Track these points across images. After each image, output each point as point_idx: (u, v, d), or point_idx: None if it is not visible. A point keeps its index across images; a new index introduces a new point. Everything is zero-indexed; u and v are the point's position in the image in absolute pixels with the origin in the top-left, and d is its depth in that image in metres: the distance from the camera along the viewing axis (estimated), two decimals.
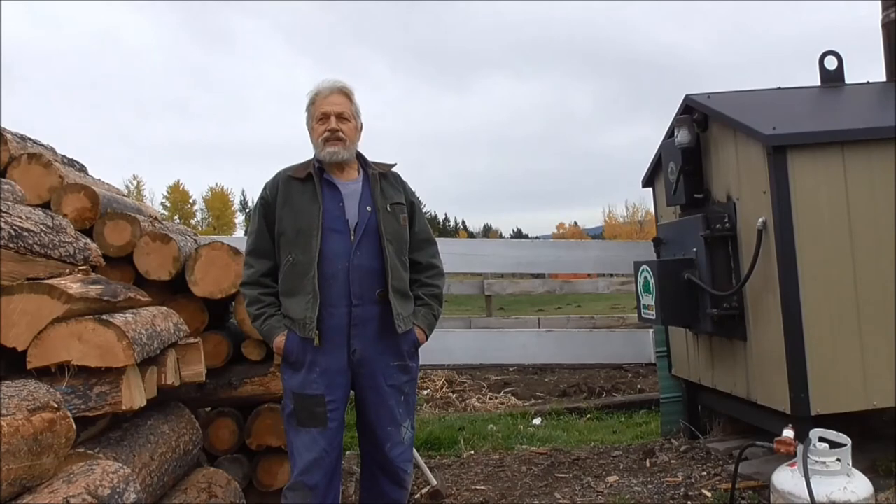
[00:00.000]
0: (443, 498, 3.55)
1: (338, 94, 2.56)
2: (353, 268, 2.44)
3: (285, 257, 2.50)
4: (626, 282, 10.37)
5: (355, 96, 2.62)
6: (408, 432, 2.58)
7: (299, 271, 2.44)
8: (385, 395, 2.51)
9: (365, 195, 2.55)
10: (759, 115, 3.46)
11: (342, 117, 2.54)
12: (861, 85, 4.06)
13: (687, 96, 3.87)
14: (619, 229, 62.17)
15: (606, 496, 3.51)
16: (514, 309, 16.03)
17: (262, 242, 2.55)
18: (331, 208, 2.48)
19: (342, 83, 2.60)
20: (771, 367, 3.26)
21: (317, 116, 2.55)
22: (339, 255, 2.44)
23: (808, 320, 3.08)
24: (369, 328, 2.47)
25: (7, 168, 3.02)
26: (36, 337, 2.02)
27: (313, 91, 2.59)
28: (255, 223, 2.60)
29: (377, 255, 2.48)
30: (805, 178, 3.14)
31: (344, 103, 2.56)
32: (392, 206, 2.57)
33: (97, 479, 1.68)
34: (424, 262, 2.68)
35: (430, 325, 2.63)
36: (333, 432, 2.45)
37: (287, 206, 2.51)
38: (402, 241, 2.57)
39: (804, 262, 3.10)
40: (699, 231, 3.57)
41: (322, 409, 2.42)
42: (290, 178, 2.55)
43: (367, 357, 2.48)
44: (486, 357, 6.68)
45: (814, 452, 2.66)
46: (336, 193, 2.52)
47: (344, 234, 2.47)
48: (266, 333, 2.49)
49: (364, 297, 2.45)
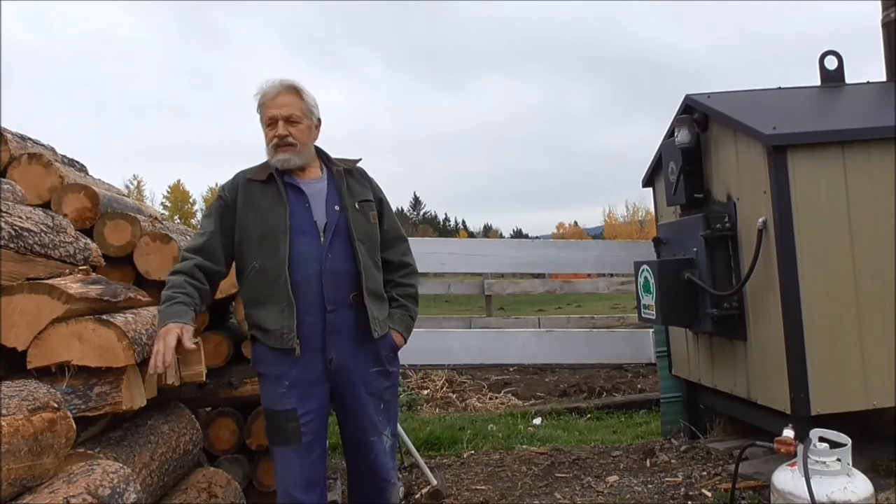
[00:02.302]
0: (443, 498, 3.55)
1: (285, 93, 2.37)
2: (325, 271, 2.30)
3: (249, 263, 2.34)
4: (626, 282, 10.35)
5: (306, 91, 2.42)
6: (388, 440, 2.45)
7: (267, 278, 2.29)
8: (365, 404, 2.38)
9: (331, 194, 2.41)
10: (760, 114, 3.46)
11: (290, 120, 2.36)
12: (861, 85, 4.06)
13: (687, 96, 3.87)
14: (619, 229, 62.16)
15: (606, 496, 3.51)
16: (514, 309, 16.03)
17: (211, 244, 2.36)
18: (297, 210, 2.34)
19: (288, 81, 2.40)
20: (771, 367, 3.26)
21: (265, 121, 2.39)
22: (309, 258, 2.31)
23: (808, 320, 3.08)
24: (345, 334, 2.34)
25: (7, 168, 3.02)
26: (36, 337, 2.02)
27: (259, 93, 2.40)
28: (208, 224, 2.40)
29: (349, 256, 2.35)
30: (805, 177, 3.14)
31: (292, 103, 2.37)
32: (360, 204, 2.43)
33: (97, 479, 1.68)
34: (397, 260, 2.56)
35: (407, 328, 2.52)
36: (310, 446, 2.31)
37: (249, 209, 2.36)
38: (373, 240, 2.45)
39: (804, 262, 3.10)
40: (699, 231, 3.57)
41: (294, 425, 2.27)
42: (250, 181, 2.40)
43: (345, 365, 2.34)
44: (486, 357, 6.68)
45: (814, 452, 2.66)
46: (301, 195, 2.38)
47: (313, 237, 2.33)
48: (164, 315, 2.17)
49: (338, 301, 2.32)
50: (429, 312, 14.39)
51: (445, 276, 13.40)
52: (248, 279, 2.36)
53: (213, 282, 2.38)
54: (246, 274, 2.37)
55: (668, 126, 4.04)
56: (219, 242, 2.37)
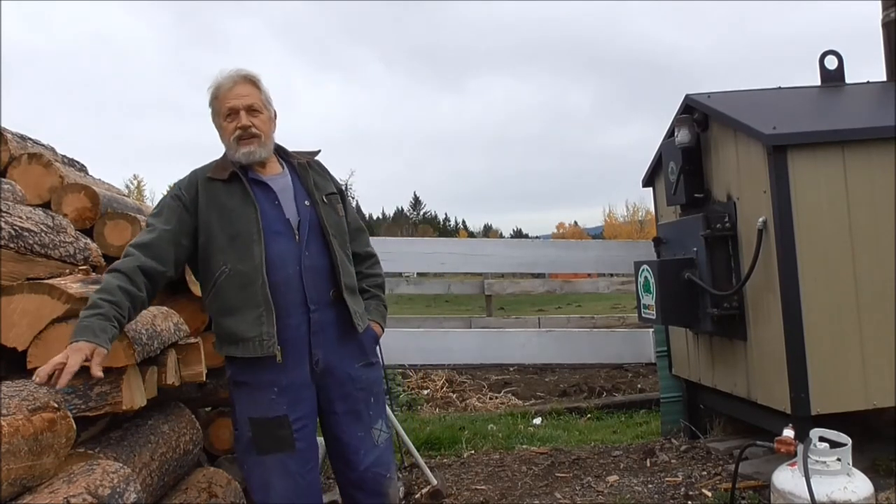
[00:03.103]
0: (443, 498, 3.55)
1: (242, 83, 2.26)
2: (305, 270, 2.22)
3: (218, 269, 2.19)
4: (626, 282, 10.36)
5: (263, 82, 2.32)
6: (381, 433, 2.37)
7: (240, 283, 2.16)
8: (354, 401, 2.31)
9: (298, 189, 2.32)
10: (760, 114, 3.46)
11: (252, 109, 2.25)
12: (861, 85, 4.06)
13: (687, 96, 3.87)
14: (619, 229, 62.12)
15: (607, 496, 3.52)
16: (515, 309, 16.03)
17: (161, 243, 2.15)
18: (267, 208, 2.23)
19: (245, 71, 2.29)
20: (771, 367, 3.26)
21: (223, 113, 2.25)
22: (287, 259, 2.20)
23: (808, 320, 3.08)
24: (329, 333, 2.26)
25: (7, 168, 3.02)
26: (36, 337, 2.02)
27: (214, 84, 2.28)
28: (160, 223, 2.19)
29: (324, 252, 2.27)
30: (805, 177, 3.14)
31: (252, 93, 2.26)
32: (328, 197, 2.36)
33: (97, 478, 1.68)
34: (362, 252, 2.50)
35: (383, 317, 2.47)
36: (305, 453, 2.22)
37: (214, 210, 2.21)
38: (343, 233, 2.37)
39: (804, 262, 3.10)
40: (699, 231, 3.57)
41: (287, 432, 2.18)
42: (210, 180, 2.25)
43: (332, 363, 2.27)
44: (486, 357, 6.68)
45: (814, 452, 2.66)
46: (268, 192, 2.27)
47: (288, 236, 2.23)
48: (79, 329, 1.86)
49: (320, 300, 2.24)
50: (429, 312, 14.40)
51: (445, 276, 13.43)
52: (217, 285, 2.21)
53: (156, 284, 2.15)
54: (213, 280, 2.22)
55: (668, 126, 4.04)
56: (171, 242, 2.18)
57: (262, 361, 2.18)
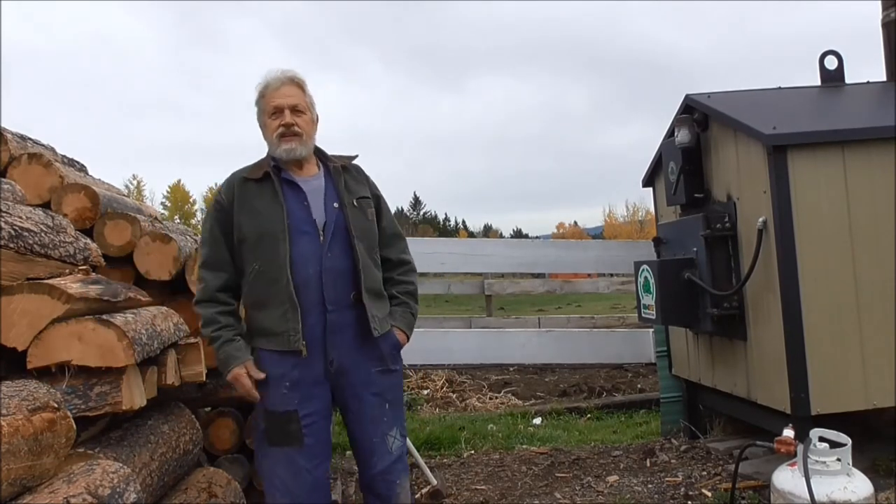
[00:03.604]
0: (443, 498, 3.55)
1: (289, 84, 2.36)
2: (325, 271, 2.26)
3: (249, 266, 2.30)
4: (626, 282, 10.35)
5: (308, 86, 2.42)
6: (395, 441, 2.39)
7: (268, 279, 2.25)
8: (368, 406, 2.34)
9: (329, 191, 2.36)
10: (760, 114, 3.46)
11: (297, 110, 2.34)
12: (861, 85, 4.07)
13: (687, 96, 3.88)
14: (619, 229, 62.13)
15: (607, 496, 3.52)
16: (514, 309, 16.02)
17: (216, 253, 2.34)
18: (295, 208, 2.30)
19: (293, 72, 2.39)
20: (771, 367, 3.26)
21: (268, 111, 2.35)
22: (309, 258, 2.26)
23: (808, 320, 3.08)
24: (346, 334, 2.30)
25: (7, 168, 3.02)
26: (36, 337, 2.02)
27: (262, 83, 2.38)
28: (207, 231, 2.37)
29: (348, 254, 2.31)
30: (805, 177, 3.14)
31: (297, 94, 2.36)
32: (358, 201, 2.39)
33: (97, 478, 1.68)
34: (395, 258, 2.51)
35: (409, 325, 2.47)
36: (313, 448, 2.27)
37: (245, 210, 2.31)
38: (371, 237, 2.41)
39: (804, 262, 3.10)
40: (699, 231, 3.57)
41: (296, 426, 2.24)
42: (245, 180, 2.35)
43: (346, 366, 2.30)
44: (486, 357, 6.69)
45: (814, 452, 2.66)
46: (298, 192, 2.33)
47: (312, 236, 2.28)
48: (223, 360, 2.26)
49: (339, 301, 2.28)
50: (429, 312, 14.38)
51: (445, 275, 13.40)
52: (248, 281, 2.32)
53: (233, 288, 2.37)
54: (246, 276, 2.32)
55: (668, 126, 4.04)
56: (222, 248, 2.35)
57: (279, 355, 2.25)
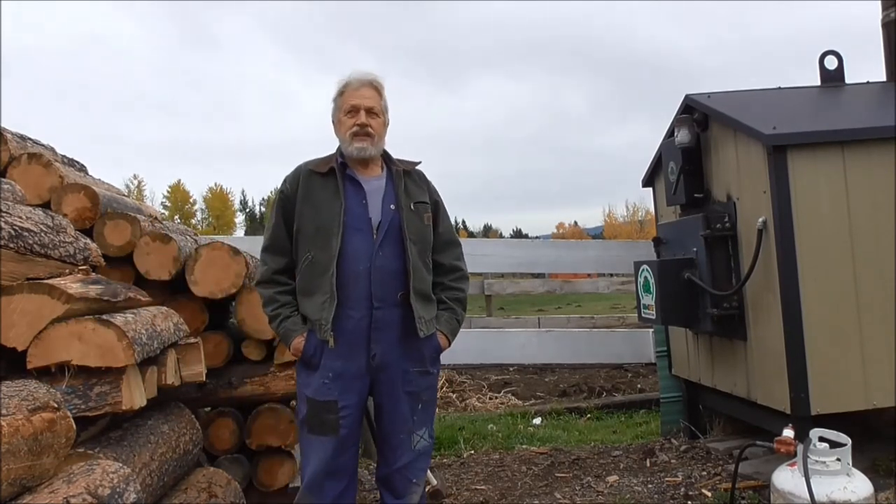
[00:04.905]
0: (443, 498, 3.55)
1: (368, 87, 2.46)
2: (374, 269, 2.35)
3: (304, 255, 2.40)
4: (626, 282, 10.35)
5: (385, 91, 2.52)
6: (421, 441, 2.47)
7: (317, 270, 2.35)
8: (400, 402, 2.42)
9: (388, 193, 2.45)
10: (760, 114, 3.46)
11: (372, 112, 2.44)
12: (861, 85, 4.06)
13: (687, 96, 3.87)
14: (619, 229, 62.08)
15: (606, 496, 3.51)
16: (514, 309, 16.04)
17: (278, 238, 2.46)
18: (353, 206, 2.39)
19: (373, 76, 2.49)
20: (771, 367, 3.26)
21: (345, 109, 2.44)
22: (360, 255, 2.35)
23: (808, 320, 3.08)
24: (390, 332, 2.38)
25: (7, 168, 3.03)
26: (36, 337, 2.02)
27: (343, 82, 2.47)
28: (272, 217, 2.50)
29: (400, 255, 2.38)
30: (805, 177, 3.14)
31: (374, 97, 2.46)
32: (416, 205, 2.47)
33: (97, 478, 1.68)
34: (448, 264, 2.58)
35: (453, 331, 2.54)
36: (346, 439, 2.37)
37: (307, 202, 2.41)
38: (425, 241, 2.48)
39: (804, 262, 3.10)
40: (699, 231, 3.57)
41: (334, 416, 2.34)
42: (311, 173, 2.45)
43: (387, 362, 2.38)
44: (486, 357, 6.68)
45: (814, 452, 2.66)
46: (359, 190, 2.42)
47: (366, 233, 2.37)
48: (283, 336, 2.41)
49: (385, 299, 2.36)
50: None
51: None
52: (301, 269, 2.42)
53: (290, 270, 2.47)
54: (300, 264, 2.43)
55: (668, 126, 4.04)
56: (284, 235, 2.46)
57: (325, 345, 2.35)
